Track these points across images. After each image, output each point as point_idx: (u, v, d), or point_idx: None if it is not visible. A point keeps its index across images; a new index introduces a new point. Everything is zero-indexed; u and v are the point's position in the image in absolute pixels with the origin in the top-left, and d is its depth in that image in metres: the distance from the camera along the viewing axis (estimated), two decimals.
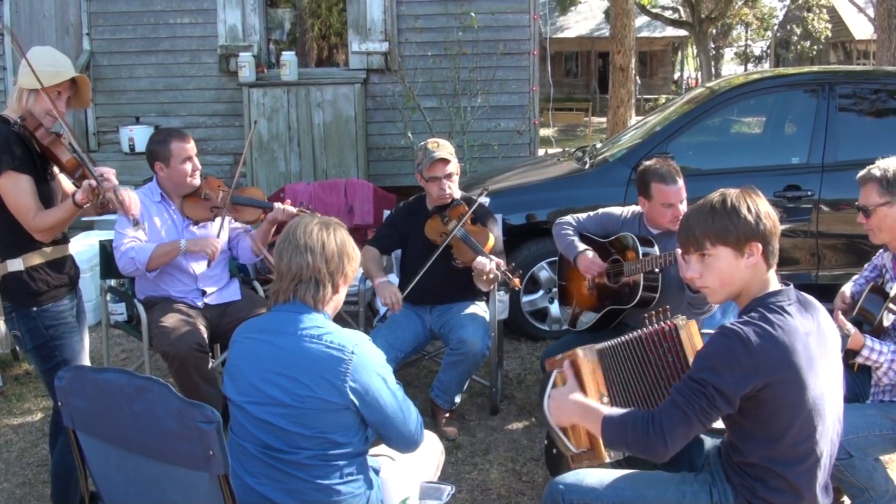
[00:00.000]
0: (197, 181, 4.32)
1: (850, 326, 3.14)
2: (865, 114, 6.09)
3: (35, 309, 3.26)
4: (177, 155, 4.22)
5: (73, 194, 3.23)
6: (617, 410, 2.49)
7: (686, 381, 2.33)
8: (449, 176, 4.42)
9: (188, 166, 4.25)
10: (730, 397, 2.25)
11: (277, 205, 4.39)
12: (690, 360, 2.72)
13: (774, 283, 2.42)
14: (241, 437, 2.51)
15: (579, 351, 2.72)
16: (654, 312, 2.88)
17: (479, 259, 4.20)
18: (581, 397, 2.61)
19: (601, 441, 2.52)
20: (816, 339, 2.33)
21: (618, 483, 2.59)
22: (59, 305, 3.31)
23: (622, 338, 2.82)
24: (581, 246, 4.24)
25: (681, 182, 3.94)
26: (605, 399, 2.67)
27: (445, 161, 4.40)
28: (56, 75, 3.23)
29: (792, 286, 2.42)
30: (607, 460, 2.63)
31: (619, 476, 2.63)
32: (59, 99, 3.27)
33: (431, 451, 3.03)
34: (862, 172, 3.43)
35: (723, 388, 2.24)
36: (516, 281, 4.18)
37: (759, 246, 2.35)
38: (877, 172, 3.35)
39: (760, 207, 2.37)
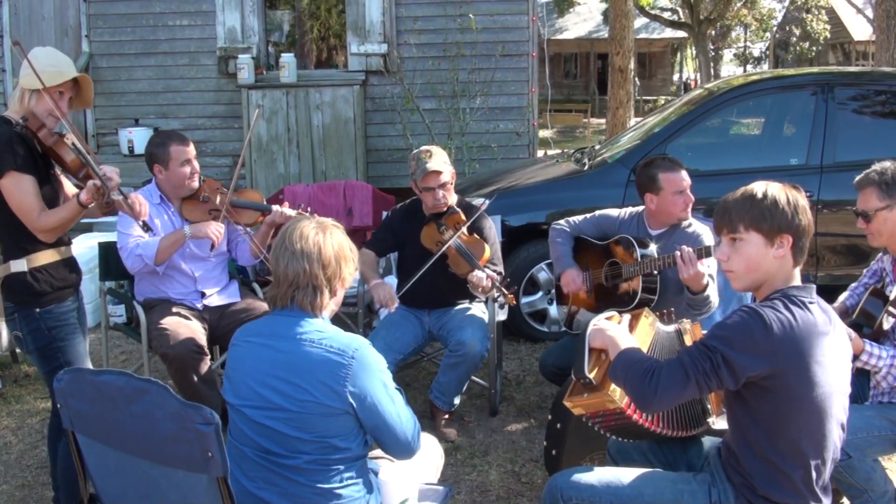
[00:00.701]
0: (196, 184, 4.32)
1: (849, 332, 3.13)
2: (864, 115, 6.10)
3: (38, 310, 3.25)
4: (175, 158, 4.22)
5: (78, 194, 3.22)
6: (639, 351, 2.50)
7: (697, 344, 2.36)
8: (443, 186, 4.40)
9: (187, 169, 4.25)
10: (735, 371, 2.26)
11: (276, 207, 4.39)
12: None
13: (797, 280, 2.44)
14: (239, 441, 2.50)
15: (645, 311, 2.77)
16: (659, 314, 2.88)
17: (475, 274, 4.19)
18: (624, 329, 2.63)
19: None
20: (832, 341, 2.34)
21: (616, 481, 2.60)
22: (62, 307, 3.31)
23: (671, 327, 2.84)
24: (567, 263, 4.29)
25: (684, 169, 3.99)
26: None
27: (438, 172, 4.39)
28: (58, 75, 3.22)
29: (814, 286, 2.44)
30: (603, 404, 2.55)
31: (617, 474, 2.64)
32: (62, 99, 3.27)
33: (431, 453, 3.02)
34: (859, 177, 3.40)
35: (731, 359, 2.26)
36: (511, 297, 4.19)
37: (791, 239, 2.38)
38: (875, 176, 3.32)
39: (799, 203, 2.40)
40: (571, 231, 4.37)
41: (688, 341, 2.81)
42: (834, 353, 2.35)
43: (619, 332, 2.59)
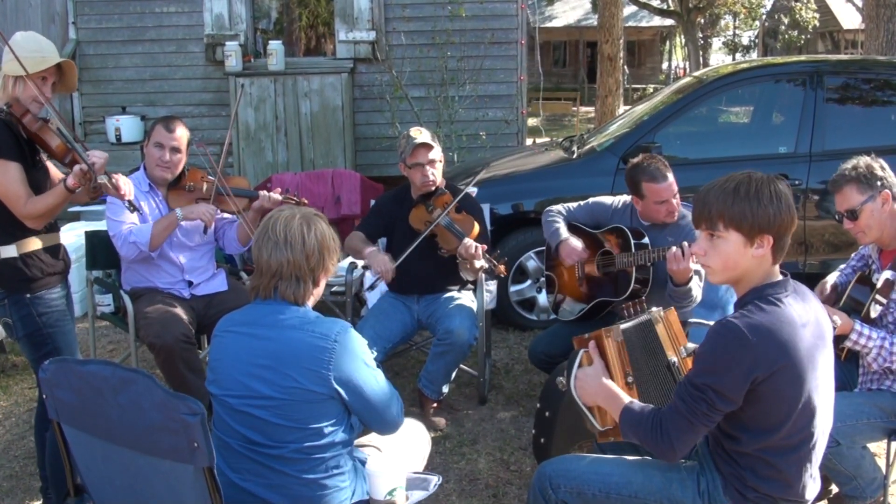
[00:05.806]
0: (168, 176, 4.25)
1: (836, 317, 3.12)
2: (853, 103, 6.11)
3: (28, 296, 3.24)
4: (153, 137, 4.19)
5: (65, 179, 3.20)
6: (636, 404, 2.48)
7: (687, 385, 2.31)
8: (432, 162, 4.38)
9: (156, 152, 4.19)
10: (731, 397, 2.24)
11: (263, 193, 4.36)
12: (668, 352, 2.73)
13: (776, 276, 2.38)
14: (224, 433, 2.48)
15: (604, 331, 2.68)
16: (628, 304, 2.84)
17: (465, 244, 4.16)
18: (606, 381, 2.59)
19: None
20: (813, 330, 2.31)
21: (605, 469, 2.59)
22: (52, 292, 3.31)
23: (640, 318, 2.78)
24: (564, 234, 4.23)
25: (671, 177, 3.92)
26: (630, 378, 2.65)
27: (428, 146, 4.37)
28: (41, 61, 3.21)
29: (789, 276, 2.40)
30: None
31: (606, 462, 2.64)
32: (45, 84, 3.26)
33: (418, 441, 3.02)
34: (833, 179, 3.38)
35: (723, 389, 2.23)
36: (502, 268, 4.16)
37: (771, 239, 2.30)
38: (850, 173, 3.31)
39: (783, 200, 2.30)
40: (567, 216, 4.34)
41: (660, 331, 2.76)
42: (817, 342, 2.32)
43: (601, 384, 2.58)
